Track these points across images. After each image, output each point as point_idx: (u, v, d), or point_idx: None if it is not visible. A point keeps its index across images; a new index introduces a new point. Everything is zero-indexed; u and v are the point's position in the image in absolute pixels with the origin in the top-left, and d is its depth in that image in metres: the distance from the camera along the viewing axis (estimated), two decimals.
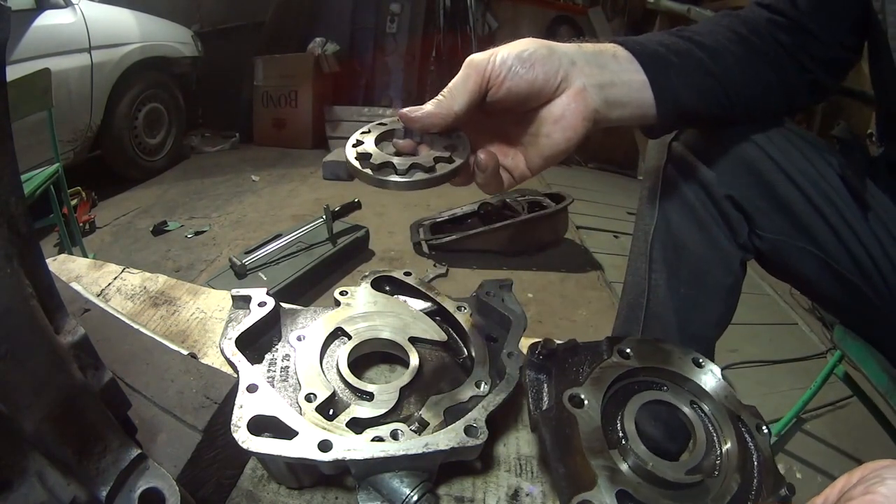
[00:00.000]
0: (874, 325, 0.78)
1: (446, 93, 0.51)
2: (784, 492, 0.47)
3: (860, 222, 0.68)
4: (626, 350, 0.55)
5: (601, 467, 0.44)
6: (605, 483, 0.43)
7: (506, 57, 0.51)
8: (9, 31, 0.34)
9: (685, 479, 0.45)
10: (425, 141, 0.54)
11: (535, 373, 0.55)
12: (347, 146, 0.52)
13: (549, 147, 0.55)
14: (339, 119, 4.17)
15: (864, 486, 0.35)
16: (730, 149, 0.70)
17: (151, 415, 0.50)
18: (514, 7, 4.62)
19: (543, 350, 0.54)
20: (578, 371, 0.55)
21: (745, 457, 0.49)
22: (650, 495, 0.43)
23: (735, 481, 0.46)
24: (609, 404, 0.51)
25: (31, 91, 1.88)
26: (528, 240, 2.52)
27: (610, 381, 0.52)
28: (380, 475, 0.47)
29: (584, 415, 0.48)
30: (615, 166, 4.25)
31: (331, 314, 0.63)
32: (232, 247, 2.52)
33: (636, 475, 0.46)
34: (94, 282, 0.85)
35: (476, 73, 0.50)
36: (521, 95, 0.52)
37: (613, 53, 0.58)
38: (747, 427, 0.52)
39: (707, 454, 0.49)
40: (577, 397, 0.49)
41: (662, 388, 0.55)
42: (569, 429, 0.48)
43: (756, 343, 2.06)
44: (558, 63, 0.52)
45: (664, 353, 0.56)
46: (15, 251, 0.34)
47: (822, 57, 0.68)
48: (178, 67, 3.66)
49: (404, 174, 0.49)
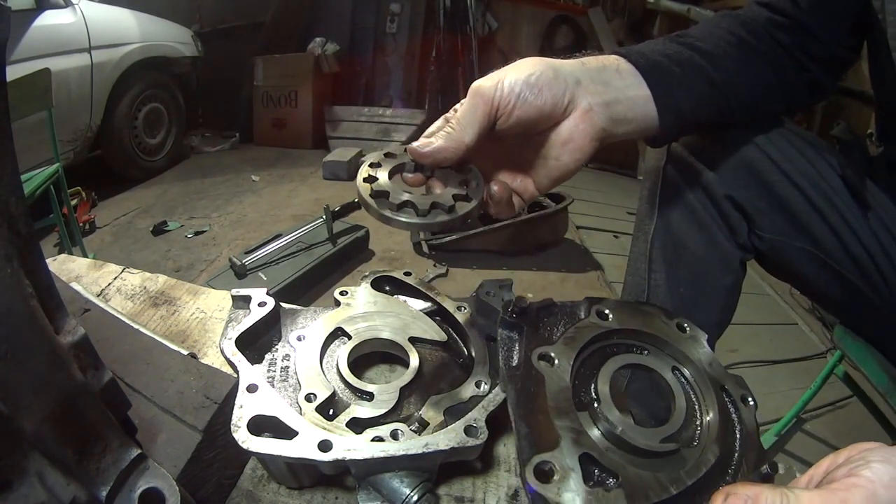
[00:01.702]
0: (874, 324, 0.78)
1: (455, 125, 0.50)
2: (766, 468, 0.44)
3: (860, 222, 0.68)
4: (605, 311, 0.52)
5: (566, 428, 0.41)
6: (569, 445, 0.40)
7: (513, 83, 0.50)
8: (9, 31, 0.34)
9: (658, 447, 0.42)
10: (436, 175, 0.53)
11: (508, 331, 0.52)
12: (359, 181, 0.51)
13: (557, 169, 0.55)
14: (339, 119, 4.17)
15: (847, 469, 0.34)
16: (729, 149, 0.70)
17: (151, 415, 0.50)
18: (514, 7, 4.62)
19: (516, 307, 0.51)
20: (553, 331, 0.52)
21: (727, 428, 0.46)
22: (617, 462, 0.41)
23: (713, 453, 0.43)
24: (583, 366, 0.49)
25: (31, 91, 1.88)
26: (528, 240, 2.52)
27: (585, 342, 0.49)
28: (380, 475, 0.47)
29: (552, 374, 0.45)
30: (615, 166, 4.25)
31: (331, 314, 0.63)
32: (232, 247, 2.52)
33: (606, 440, 0.43)
34: (94, 282, 0.85)
35: (484, 103, 0.49)
36: (531, 122, 0.52)
37: (616, 68, 0.57)
38: (732, 398, 0.49)
39: (686, 423, 0.46)
40: (547, 356, 0.47)
41: (643, 351, 0.52)
42: (534, 387, 0.45)
43: (756, 343, 2.06)
44: (564, 85, 0.52)
45: (646, 316, 0.53)
46: (15, 251, 0.34)
47: (822, 56, 0.68)
48: (178, 67, 3.67)
49: (425, 215, 0.49)
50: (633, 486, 0.39)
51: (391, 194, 0.49)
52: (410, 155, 0.52)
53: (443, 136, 0.50)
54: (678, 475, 0.41)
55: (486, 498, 0.53)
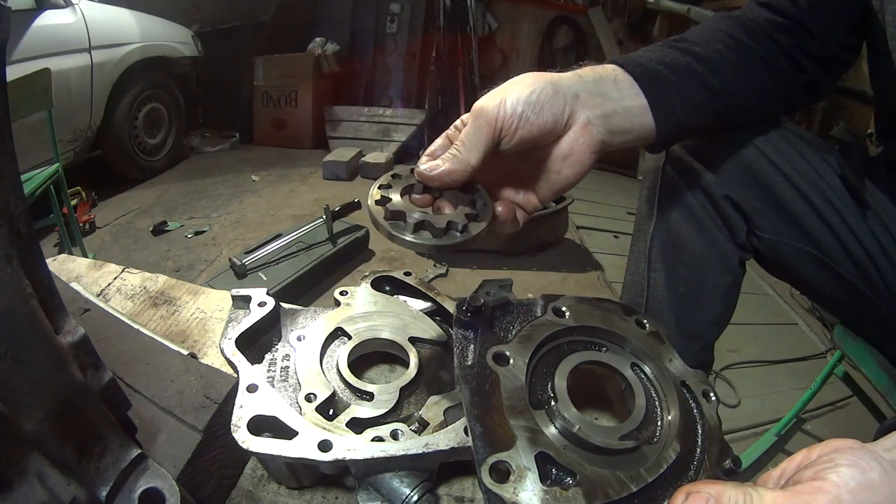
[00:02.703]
0: (874, 324, 0.78)
1: (461, 147, 0.51)
2: (728, 463, 0.44)
3: (859, 222, 0.68)
4: (562, 308, 0.52)
5: (522, 427, 0.41)
6: (525, 444, 0.40)
7: (515, 104, 0.50)
8: (9, 31, 0.34)
9: (616, 444, 0.42)
10: (444, 195, 0.54)
11: (463, 330, 0.50)
12: (371, 204, 0.52)
13: (558, 182, 0.56)
14: (339, 119, 4.17)
15: (814, 471, 0.33)
16: (728, 150, 0.70)
17: (151, 415, 0.50)
18: (514, 7, 4.62)
19: (471, 306, 0.49)
20: (509, 329, 0.51)
21: (689, 424, 0.46)
22: (575, 460, 0.40)
23: (674, 450, 0.43)
24: (540, 364, 0.48)
25: (31, 91, 1.88)
26: (528, 240, 2.52)
27: (540, 340, 0.48)
28: (380, 475, 0.47)
29: (507, 373, 0.45)
30: (615, 166, 4.25)
31: (331, 314, 0.63)
32: (232, 247, 2.52)
33: (564, 438, 0.43)
34: (94, 282, 0.85)
35: (488, 125, 0.50)
36: (533, 139, 0.53)
37: (614, 79, 0.58)
38: (693, 393, 0.49)
39: (647, 420, 0.46)
40: (502, 355, 0.46)
41: (601, 348, 0.51)
42: (489, 386, 0.44)
43: (756, 343, 2.06)
44: (563, 101, 0.53)
45: (604, 312, 0.53)
46: (15, 251, 0.34)
47: (821, 56, 0.68)
48: (178, 67, 3.66)
49: (440, 237, 0.50)
50: (591, 483, 0.39)
51: (406, 216, 0.50)
52: (418, 178, 0.53)
53: (449, 159, 0.51)
54: (638, 472, 0.41)
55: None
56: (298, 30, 4.45)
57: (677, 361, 0.51)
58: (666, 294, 0.78)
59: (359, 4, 4.41)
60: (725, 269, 0.75)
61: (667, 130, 0.60)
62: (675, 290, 0.77)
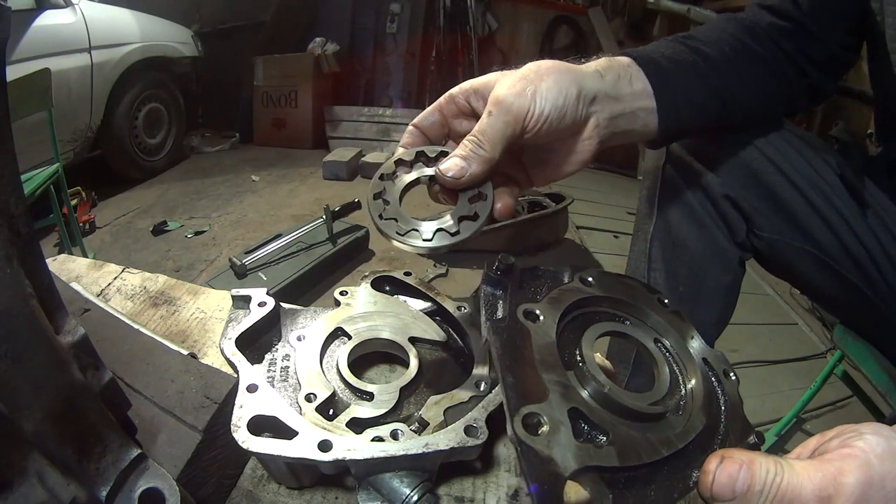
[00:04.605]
0: (874, 324, 0.78)
1: (486, 143, 0.50)
2: (753, 439, 0.44)
3: (858, 221, 0.68)
4: (588, 279, 0.52)
5: (554, 382, 0.40)
6: (557, 399, 0.39)
7: (543, 104, 0.50)
8: (9, 31, 0.34)
9: (646, 408, 0.42)
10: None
11: (492, 288, 0.50)
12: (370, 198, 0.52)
13: (556, 173, 0.57)
14: (339, 119, 4.17)
15: (840, 440, 0.34)
16: (728, 150, 0.70)
17: (151, 415, 0.50)
18: (514, 7, 4.62)
19: (501, 265, 0.50)
20: (537, 292, 0.51)
21: (711, 399, 0.46)
22: (608, 419, 0.39)
23: (700, 420, 0.43)
24: (566, 329, 0.48)
25: (31, 91, 1.88)
26: (528, 240, 2.52)
27: (568, 304, 0.48)
28: (380, 475, 0.47)
29: (537, 329, 0.44)
30: (615, 166, 4.25)
31: (331, 314, 0.63)
32: (232, 247, 2.52)
33: (593, 400, 0.42)
34: (94, 282, 0.85)
35: (516, 122, 0.50)
36: (547, 140, 0.53)
37: (630, 77, 0.58)
38: (714, 371, 0.49)
39: (671, 391, 0.46)
40: (532, 312, 0.46)
41: (624, 321, 0.51)
42: (520, 340, 0.43)
43: (756, 343, 2.06)
44: (583, 105, 0.53)
45: (628, 287, 0.53)
46: (15, 251, 0.34)
47: (822, 58, 0.68)
48: (178, 67, 3.66)
49: (455, 234, 0.51)
50: (624, 444, 0.38)
51: (399, 220, 0.51)
52: (440, 182, 0.52)
53: (476, 160, 0.50)
54: (668, 437, 0.40)
55: (486, 498, 0.53)
56: (298, 30, 4.45)
57: (698, 340, 0.51)
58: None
59: (359, 4, 4.42)
60: (725, 268, 0.75)
61: (668, 128, 0.61)
62: (675, 290, 0.77)
